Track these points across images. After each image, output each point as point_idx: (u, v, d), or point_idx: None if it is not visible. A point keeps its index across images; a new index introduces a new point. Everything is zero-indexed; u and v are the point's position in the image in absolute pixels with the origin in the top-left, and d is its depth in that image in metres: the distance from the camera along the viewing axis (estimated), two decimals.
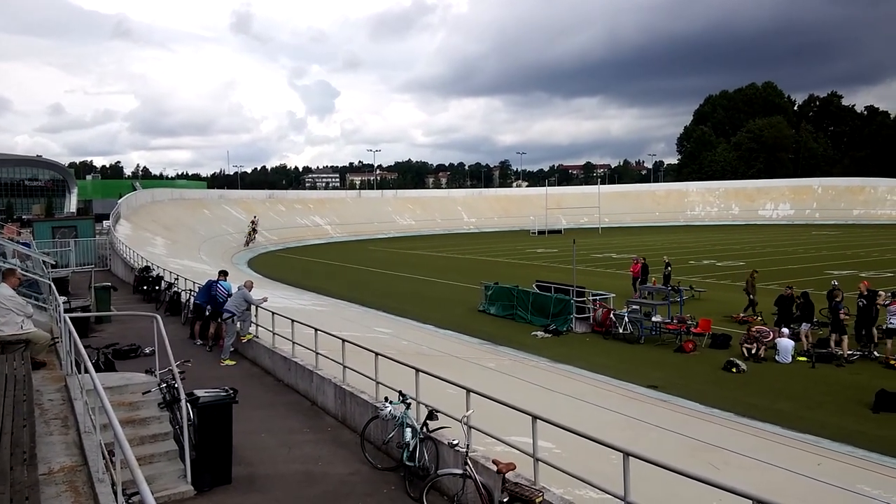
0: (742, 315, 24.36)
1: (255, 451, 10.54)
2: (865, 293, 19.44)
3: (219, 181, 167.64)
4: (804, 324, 20.10)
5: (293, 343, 14.97)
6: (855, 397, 15.28)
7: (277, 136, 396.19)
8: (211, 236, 62.82)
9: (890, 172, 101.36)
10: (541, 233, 79.56)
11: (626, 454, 6.53)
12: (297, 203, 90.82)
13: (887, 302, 19.03)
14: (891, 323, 18.45)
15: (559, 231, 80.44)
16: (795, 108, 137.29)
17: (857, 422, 13.77)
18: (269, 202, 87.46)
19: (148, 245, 44.38)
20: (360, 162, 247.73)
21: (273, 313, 16.75)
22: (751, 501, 5.32)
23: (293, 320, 15.30)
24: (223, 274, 19.15)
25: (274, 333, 16.28)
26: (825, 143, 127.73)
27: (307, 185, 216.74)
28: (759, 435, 12.79)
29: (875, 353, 18.89)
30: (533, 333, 23.20)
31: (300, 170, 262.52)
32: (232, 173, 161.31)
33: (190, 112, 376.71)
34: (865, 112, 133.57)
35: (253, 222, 66.56)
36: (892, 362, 17.79)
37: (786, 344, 18.93)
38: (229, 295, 17.72)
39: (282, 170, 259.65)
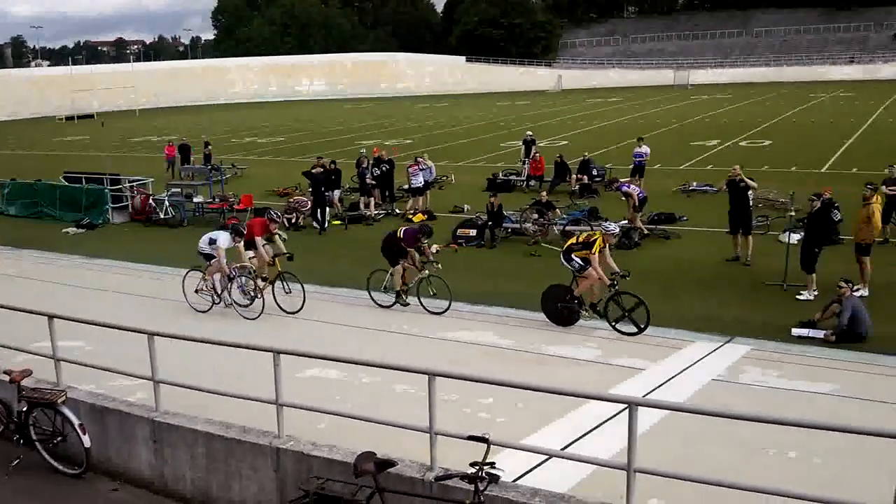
0: (283, 189, 25.34)
1: None
2: (387, 159, 22.07)
3: None
4: (336, 190, 21.75)
5: None
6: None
7: None
8: None
9: (408, 48, 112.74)
10: (69, 118, 71.70)
11: (151, 335, 6.59)
12: None
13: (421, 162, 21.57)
14: (412, 183, 21.06)
15: (91, 116, 73.36)
16: None
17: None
18: None
19: None
20: None
21: None
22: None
23: None
24: None
25: None
26: (353, 20, 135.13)
27: None
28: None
29: (396, 210, 21.55)
30: (64, 230, 21.29)
31: None
32: None
33: None
34: None
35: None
36: (409, 216, 20.44)
37: None
38: None
39: None
